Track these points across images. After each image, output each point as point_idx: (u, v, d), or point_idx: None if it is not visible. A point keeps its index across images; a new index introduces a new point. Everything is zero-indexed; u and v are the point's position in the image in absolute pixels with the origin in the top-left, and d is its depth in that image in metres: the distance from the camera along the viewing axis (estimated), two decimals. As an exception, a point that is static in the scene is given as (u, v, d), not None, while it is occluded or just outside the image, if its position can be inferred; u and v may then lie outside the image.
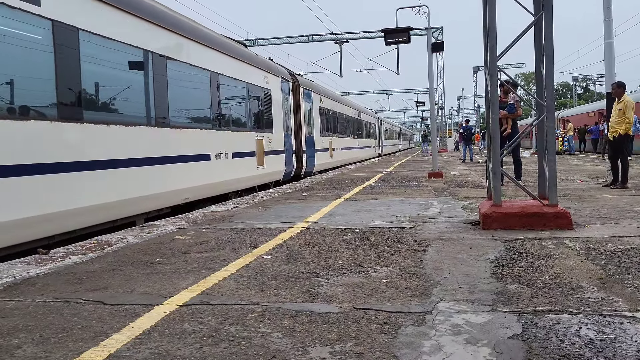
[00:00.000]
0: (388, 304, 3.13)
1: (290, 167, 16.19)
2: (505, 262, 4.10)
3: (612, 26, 11.19)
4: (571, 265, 3.92)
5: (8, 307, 3.34)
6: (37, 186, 5.87)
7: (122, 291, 3.64)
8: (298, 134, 17.46)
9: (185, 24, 9.91)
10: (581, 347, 2.40)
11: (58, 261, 4.73)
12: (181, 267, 4.31)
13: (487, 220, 5.60)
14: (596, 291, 3.26)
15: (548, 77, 5.77)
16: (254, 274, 3.99)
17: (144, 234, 6.14)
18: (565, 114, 38.54)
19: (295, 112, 17.36)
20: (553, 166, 5.70)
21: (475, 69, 53.01)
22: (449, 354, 2.38)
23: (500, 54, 5.86)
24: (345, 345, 2.53)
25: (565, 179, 11.98)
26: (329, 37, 31.54)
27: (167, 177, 8.66)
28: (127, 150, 7.65)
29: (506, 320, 2.79)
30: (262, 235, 5.68)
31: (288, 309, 3.12)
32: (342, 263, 4.27)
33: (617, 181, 9.64)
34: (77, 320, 3.03)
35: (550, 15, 5.64)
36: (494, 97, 6.07)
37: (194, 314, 3.07)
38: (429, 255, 4.43)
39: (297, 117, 17.52)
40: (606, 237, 4.94)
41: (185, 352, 2.51)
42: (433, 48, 15.98)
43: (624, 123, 9.43)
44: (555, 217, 5.48)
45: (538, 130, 6.45)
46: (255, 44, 31.58)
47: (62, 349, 2.60)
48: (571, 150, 29.65)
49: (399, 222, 6.31)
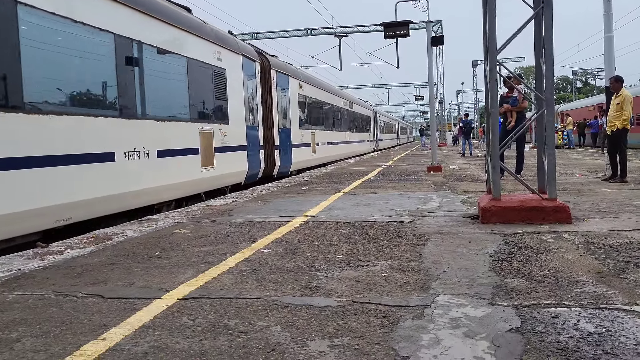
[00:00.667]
0: (387, 298, 3.14)
1: (256, 167, 13.11)
2: (504, 255, 4.11)
3: (612, 20, 11.18)
4: (570, 259, 3.92)
5: (7, 301, 3.34)
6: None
7: (121, 285, 3.64)
8: (269, 126, 14.32)
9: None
10: (579, 341, 2.41)
11: (57, 255, 4.73)
12: (180, 260, 4.32)
13: (486, 214, 5.61)
14: (595, 285, 3.27)
15: (548, 71, 5.75)
16: (253, 267, 3.99)
17: (143, 227, 6.14)
18: (564, 108, 38.52)
19: (266, 99, 14.12)
20: (552, 160, 5.70)
21: (474, 63, 52.91)
22: (448, 348, 2.39)
23: (500, 47, 5.84)
24: (344, 338, 2.54)
25: (565, 173, 11.98)
26: (329, 31, 31.43)
27: (17, 190, 5.73)
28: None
29: (505, 314, 2.79)
30: (261, 229, 5.68)
31: (287, 302, 3.12)
32: (341, 257, 4.27)
33: (616, 175, 9.65)
34: (76, 314, 3.03)
35: (550, 9, 5.62)
36: (493, 91, 6.06)
37: (193, 308, 3.08)
38: (428, 249, 4.44)
39: (268, 106, 14.28)
40: (605, 231, 4.95)
41: (185, 345, 2.52)
42: (432, 42, 15.94)
43: (622, 117, 9.43)
44: (554, 211, 5.49)
45: (537, 124, 6.44)
46: (255, 37, 31.46)
47: (62, 343, 2.60)
48: (570, 144, 29.66)
49: (398, 216, 6.31)
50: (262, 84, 13.78)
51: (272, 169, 14.59)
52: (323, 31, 31.58)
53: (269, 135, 14.30)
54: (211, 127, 10.62)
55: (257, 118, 13.32)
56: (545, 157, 5.84)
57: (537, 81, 6.10)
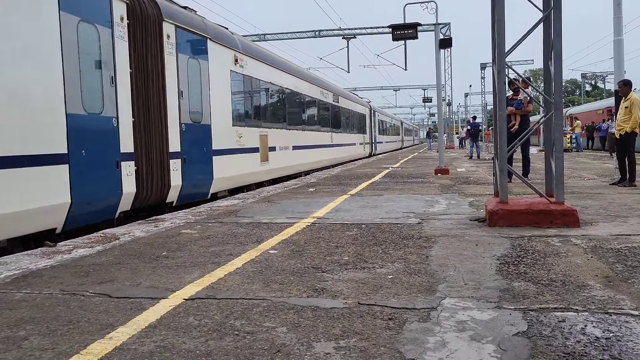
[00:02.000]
0: (393, 300, 3.13)
1: (103, 194, 7.21)
2: (511, 259, 4.09)
3: (621, 23, 11.11)
4: (577, 263, 3.90)
5: (16, 299, 3.36)
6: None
7: (128, 284, 3.65)
8: (154, 120, 8.58)
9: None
10: (586, 345, 2.40)
11: (65, 254, 4.76)
12: (187, 261, 4.33)
13: (493, 217, 5.59)
14: (602, 289, 3.25)
15: (556, 74, 5.73)
16: (259, 268, 4.00)
17: (150, 227, 6.16)
18: (573, 111, 38.33)
19: (148, 72, 8.46)
20: (560, 163, 5.67)
21: (483, 66, 52.82)
22: (454, 351, 2.38)
23: (509, 50, 5.82)
24: (350, 340, 2.54)
25: (573, 176, 11.92)
26: (337, 33, 31.51)
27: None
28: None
29: (511, 318, 2.78)
30: (267, 230, 5.69)
31: (293, 303, 3.12)
32: (348, 259, 4.27)
33: (625, 179, 9.59)
34: (83, 313, 3.05)
35: (559, 12, 5.60)
36: (501, 94, 6.04)
37: (200, 308, 3.08)
38: (434, 252, 4.43)
39: (153, 85, 8.57)
40: (613, 235, 4.92)
41: (191, 345, 2.52)
42: (441, 44, 15.91)
43: (631, 121, 9.38)
44: (562, 215, 5.46)
45: (546, 127, 6.41)
46: (263, 39, 31.57)
47: (69, 341, 2.62)
48: (579, 148, 29.49)
49: (404, 218, 6.30)
50: (134, 45, 8.06)
51: (163, 193, 8.71)
52: (331, 33, 31.66)
53: (153, 136, 8.49)
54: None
55: (116, 103, 7.53)
56: (553, 160, 5.81)
57: (545, 84, 6.07)
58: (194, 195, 9.74)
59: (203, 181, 10.10)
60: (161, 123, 8.72)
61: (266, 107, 14.29)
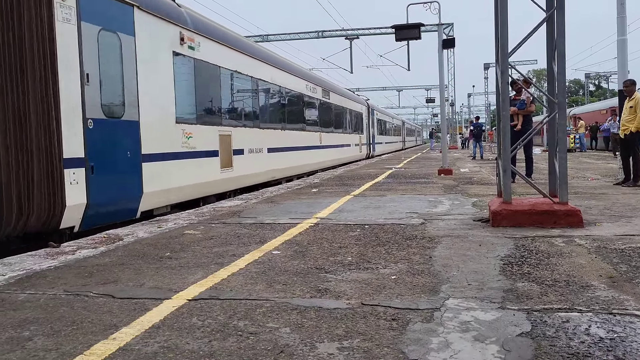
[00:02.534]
0: (396, 301, 3.13)
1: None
2: (514, 259, 4.08)
3: (625, 23, 11.06)
4: (581, 264, 3.89)
5: (19, 300, 3.37)
6: None
7: (131, 285, 3.66)
8: (31, 112, 5.86)
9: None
10: (590, 346, 2.39)
11: (69, 255, 4.77)
12: (190, 261, 4.34)
13: (496, 217, 5.58)
14: (606, 290, 3.24)
15: (560, 74, 5.72)
16: (262, 269, 4.00)
17: (153, 228, 6.18)
18: (577, 111, 38.23)
19: (19, 44, 5.76)
20: (564, 164, 5.66)
21: (486, 66, 52.69)
22: (457, 351, 2.38)
23: (512, 50, 5.81)
24: (353, 341, 2.53)
25: (576, 176, 11.89)
26: (340, 33, 31.52)
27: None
28: None
29: (515, 318, 2.77)
30: (271, 231, 5.69)
31: (296, 304, 3.12)
32: (351, 259, 4.27)
33: (629, 179, 9.56)
34: (87, 314, 3.05)
35: (562, 12, 5.59)
36: (504, 94, 6.03)
37: (203, 309, 3.09)
38: (438, 252, 4.42)
39: (36, 68, 5.92)
40: (617, 236, 4.90)
41: (194, 346, 2.53)
42: (444, 44, 15.88)
43: (635, 121, 9.34)
44: (566, 215, 5.44)
45: (549, 127, 6.40)
46: (266, 39, 31.59)
47: (72, 342, 2.62)
48: (582, 148, 29.42)
49: (408, 219, 6.29)
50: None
51: (53, 215, 6.14)
52: (334, 33, 31.66)
53: (29, 135, 5.87)
54: None
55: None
56: (557, 160, 5.80)
57: (549, 84, 6.06)
58: (111, 216, 7.22)
59: (125, 197, 7.50)
60: (47, 117, 6.04)
61: (230, 101, 11.68)
